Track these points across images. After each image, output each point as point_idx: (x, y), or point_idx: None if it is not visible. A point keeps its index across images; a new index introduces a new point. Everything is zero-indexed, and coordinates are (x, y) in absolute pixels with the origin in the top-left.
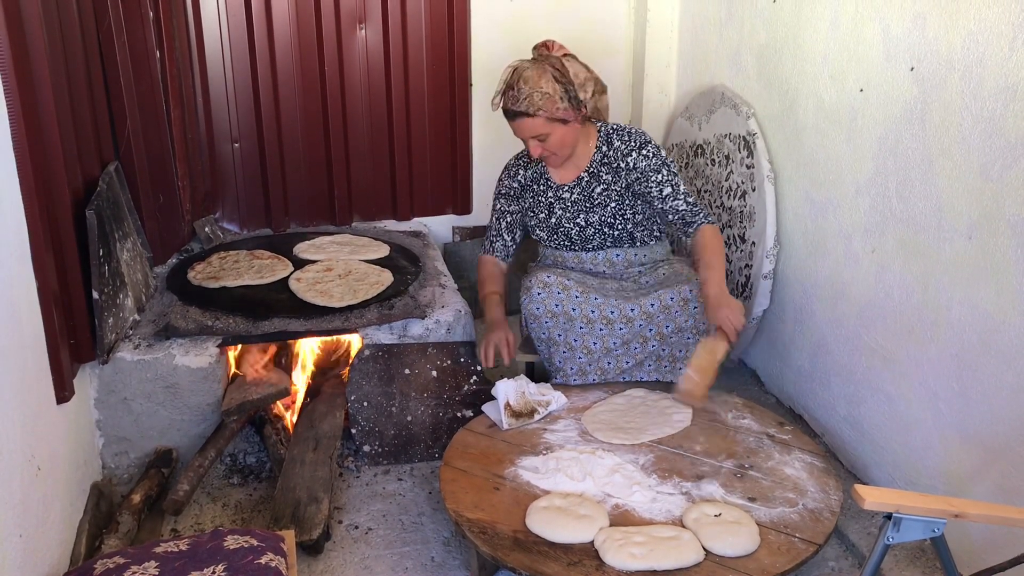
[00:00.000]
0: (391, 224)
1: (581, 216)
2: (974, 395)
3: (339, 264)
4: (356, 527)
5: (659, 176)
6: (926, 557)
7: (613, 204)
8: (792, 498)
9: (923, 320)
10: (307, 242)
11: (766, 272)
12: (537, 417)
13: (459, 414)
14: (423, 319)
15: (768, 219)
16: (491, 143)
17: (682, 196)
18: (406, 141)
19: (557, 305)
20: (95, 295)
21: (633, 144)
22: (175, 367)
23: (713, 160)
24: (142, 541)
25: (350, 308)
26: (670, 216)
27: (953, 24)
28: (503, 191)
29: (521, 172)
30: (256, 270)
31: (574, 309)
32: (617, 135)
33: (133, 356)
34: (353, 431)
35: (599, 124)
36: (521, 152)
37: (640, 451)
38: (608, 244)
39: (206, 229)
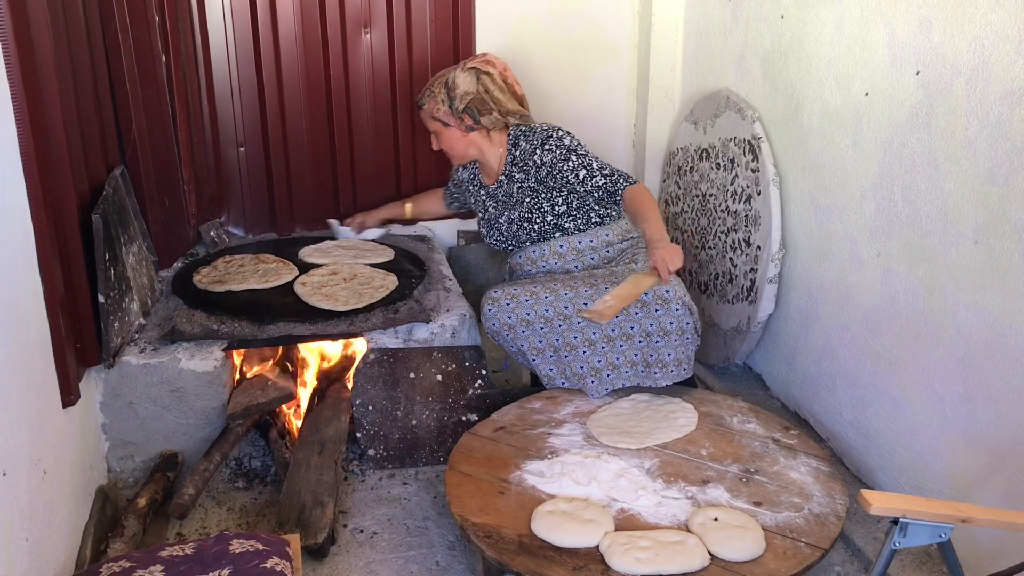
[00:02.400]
0: (396, 228)
1: (505, 214)
2: (980, 399)
3: (344, 268)
4: (361, 531)
5: (569, 164)
6: (932, 562)
7: (528, 200)
8: (798, 503)
9: (929, 324)
10: (312, 246)
11: (771, 276)
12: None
13: (464, 418)
14: (428, 323)
15: (773, 223)
16: None
17: (598, 172)
18: (411, 145)
19: (510, 316)
20: (101, 299)
21: (536, 142)
22: (180, 371)
23: (718, 164)
24: (147, 545)
25: (355, 312)
26: (595, 194)
27: (959, 28)
28: (455, 174)
29: (461, 170)
30: (261, 274)
31: (528, 313)
32: (524, 136)
33: (139, 360)
34: (358, 435)
35: (511, 128)
36: None
37: (645, 455)
38: (536, 238)
39: (211, 233)
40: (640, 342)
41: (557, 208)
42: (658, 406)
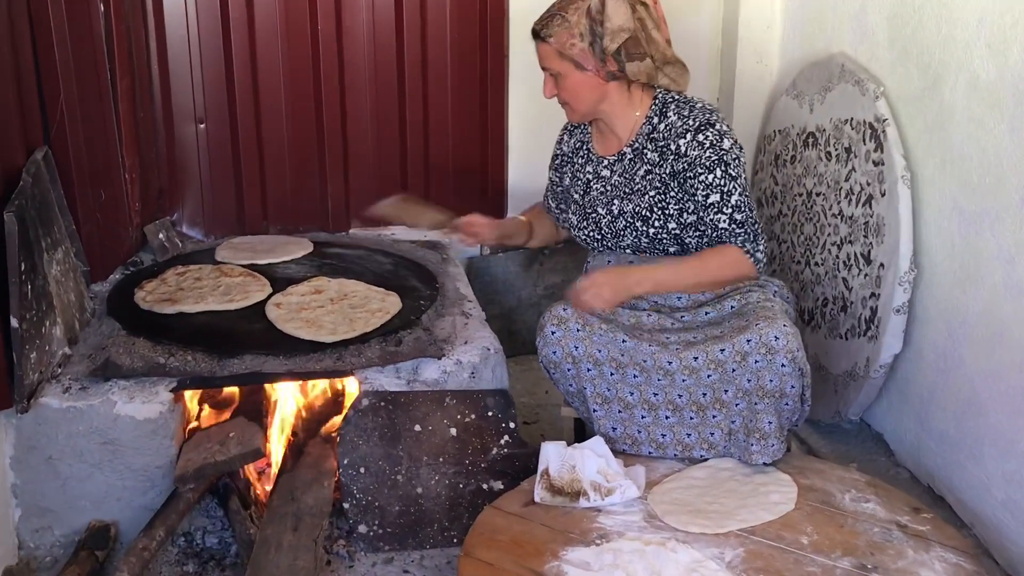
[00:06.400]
0: (400, 232)
1: (615, 202)
2: None
3: (331, 285)
4: None
5: (709, 176)
6: None
7: (652, 193)
8: None
9: None
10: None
11: (898, 304)
12: (583, 503)
13: (485, 486)
14: (440, 359)
15: (902, 235)
16: (533, 129)
17: (728, 211)
18: (422, 126)
19: (577, 347)
20: (14, 323)
21: (691, 124)
22: (115, 418)
23: (828, 153)
24: None
25: (345, 343)
26: (699, 227)
27: None
28: (552, 162)
29: (567, 138)
30: (224, 291)
31: (600, 351)
32: (676, 108)
33: (61, 403)
34: (345, 506)
35: (658, 91)
36: None
37: (726, 543)
38: (644, 246)
39: (160, 236)
40: (738, 405)
41: (686, 216)
42: (744, 476)
